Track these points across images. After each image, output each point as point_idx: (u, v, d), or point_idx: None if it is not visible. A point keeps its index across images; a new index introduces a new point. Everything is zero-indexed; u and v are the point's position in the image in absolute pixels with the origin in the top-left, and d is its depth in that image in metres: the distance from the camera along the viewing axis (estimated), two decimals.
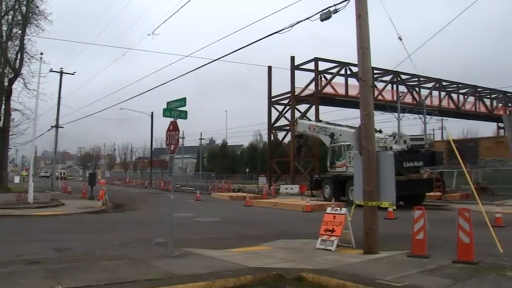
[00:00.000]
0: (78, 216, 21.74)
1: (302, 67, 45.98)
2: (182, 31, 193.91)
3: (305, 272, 8.80)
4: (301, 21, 15.31)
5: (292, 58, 45.83)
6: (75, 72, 46.22)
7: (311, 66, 45.16)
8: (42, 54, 32.43)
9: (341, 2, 12.70)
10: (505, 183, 35.84)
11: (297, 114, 44.53)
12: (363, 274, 8.78)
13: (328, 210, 12.62)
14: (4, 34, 36.65)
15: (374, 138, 11.62)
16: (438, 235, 13.12)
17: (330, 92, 45.59)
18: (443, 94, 53.72)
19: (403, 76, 48.83)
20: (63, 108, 47.24)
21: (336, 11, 13.37)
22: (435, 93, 53.31)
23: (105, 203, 26.09)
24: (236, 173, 73.03)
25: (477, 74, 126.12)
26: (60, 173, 74.29)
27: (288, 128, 47.41)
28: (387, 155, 11.83)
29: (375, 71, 46.40)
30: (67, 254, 11.02)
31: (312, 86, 45.18)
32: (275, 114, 49.42)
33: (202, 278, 8.16)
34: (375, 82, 46.60)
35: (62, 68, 44.94)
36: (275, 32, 16.26)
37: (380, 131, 29.43)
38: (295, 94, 45.48)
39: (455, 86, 54.91)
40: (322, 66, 45.56)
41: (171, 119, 11.23)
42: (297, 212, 24.57)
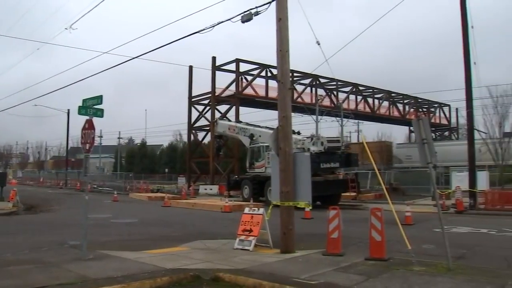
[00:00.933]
0: None
1: (223, 67, 45.94)
2: (103, 27, 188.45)
3: (222, 272, 8.80)
4: (222, 21, 15.27)
5: (213, 59, 45.70)
6: None
7: (232, 67, 45.22)
8: None
9: (262, 5, 12.80)
10: (415, 183, 37.67)
11: (217, 115, 44.41)
12: (279, 273, 8.89)
13: (246, 210, 12.69)
14: None
15: (292, 139, 11.80)
16: (352, 234, 13.55)
17: (250, 93, 45.84)
18: (359, 98, 55.44)
19: (322, 80, 49.96)
20: None
21: (257, 13, 13.45)
22: (352, 97, 54.91)
23: (16, 205, 24.86)
24: (155, 173, 71.98)
25: (391, 80, 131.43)
26: None
27: (208, 128, 47.22)
28: (303, 156, 12.03)
29: (295, 74, 47.20)
30: None
31: (232, 87, 45.22)
32: (195, 114, 49.11)
33: (117, 281, 7.95)
34: (295, 85, 47.41)
35: None
36: (196, 32, 16.12)
37: (298, 133, 29.99)
38: (216, 94, 45.39)
39: (371, 91, 56.83)
40: (243, 67, 45.72)
41: (87, 117, 10.88)
42: (216, 213, 24.56)
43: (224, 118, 41.37)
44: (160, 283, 8.13)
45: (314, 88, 51.09)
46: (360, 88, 54.80)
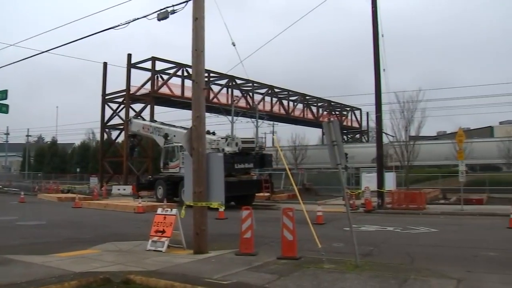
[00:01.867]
0: None
1: (138, 65, 45.04)
2: (15, 17, 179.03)
3: (133, 274, 8.60)
4: (138, 18, 15.00)
5: (129, 56, 44.68)
6: None
7: (148, 65, 44.44)
8: None
9: (179, 4, 12.69)
10: (327, 184, 38.77)
11: (132, 114, 43.48)
12: (192, 273, 8.84)
13: (159, 211, 12.52)
14: None
15: (205, 139, 11.76)
16: (265, 233, 13.72)
17: (166, 92, 45.30)
18: (275, 100, 56.32)
19: (238, 81, 50.23)
20: None
21: (174, 11, 13.31)
22: (268, 98, 55.72)
23: None
24: (66, 173, 69.23)
25: (306, 83, 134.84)
26: None
27: (122, 127, 46.10)
28: (217, 157, 12.04)
29: (211, 75, 47.17)
30: None
31: (148, 86, 44.49)
32: (109, 113, 47.81)
33: (21, 287, 7.59)
34: (211, 85, 47.41)
35: None
36: (111, 28, 15.73)
37: (213, 133, 29.98)
38: (131, 92, 44.41)
39: (286, 93, 57.89)
40: (160, 66, 45.10)
41: None
42: (129, 214, 24.09)
43: (139, 117, 40.60)
44: None
45: (230, 89, 51.27)
46: (276, 90, 55.67)
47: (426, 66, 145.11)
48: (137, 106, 45.46)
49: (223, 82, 50.23)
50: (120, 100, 46.54)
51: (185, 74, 45.51)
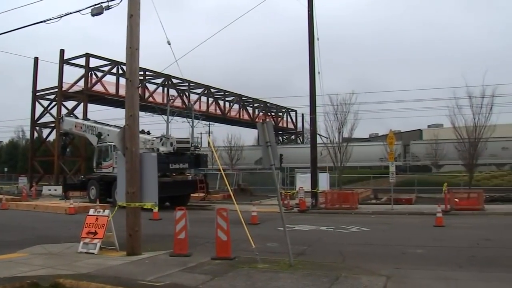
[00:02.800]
0: None
1: (72, 62, 43.67)
2: None
3: (63, 278, 8.33)
4: (70, 13, 14.68)
5: (62, 51, 43.17)
6: None
7: (82, 61, 43.20)
8: None
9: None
10: (262, 184, 39.10)
11: (64, 111, 42.10)
12: (125, 275, 8.70)
13: (91, 212, 12.19)
14: None
15: (139, 139, 11.58)
16: (200, 234, 13.68)
17: (100, 90, 44.21)
18: (211, 100, 56.17)
19: (175, 80, 49.69)
20: None
21: (108, 7, 13.12)
22: (204, 98, 55.55)
23: None
24: None
25: (242, 84, 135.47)
26: None
27: (53, 125, 44.52)
28: (150, 157, 11.88)
29: (147, 73, 46.52)
30: None
31: (81, 83, 43.23)
32: (40, 110, 46.08)
33: None
34: (147, 84, 46.71)
35: None
36: (42, 21, 15.27)
37: (148, 133, 29.58)
38: (63, 89, 42.97)
39: (223, 93, 57.89)
40: (94, 63, 43.99)
41: None
42: (60, 215, 23.37)
43: (71, 115, 39.36)
44: None
45: (166, 88, 50.67)
46: (212, 90, 55.56)
47: (359, 70, 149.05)
48: (69, 104, 44.11)
49: (159, 81, 49.63)
50: (52, 97, 44.99)
51: (120, 72, 44.52)
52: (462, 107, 29.34)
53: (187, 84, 51.48)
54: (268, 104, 66.00)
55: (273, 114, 68.59)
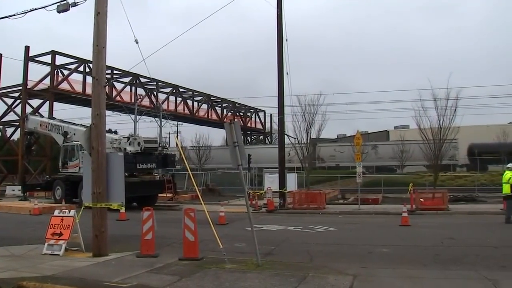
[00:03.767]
0: None
1: (37, 59, 42.75)
2: None
3: (26, 280, 8.15)
4: (36, 9, 14.43)
5: (27, 48, 42.18)
6: None
7: (48, 59, 42.33)
8: None
9: None
10: (230, 184, 39.11)
11: (29, 110, 41.23)
12: (90, 277, 8.60)
13: (56, 212, 12.00)
14: None
15: (105, 138, 11.45)
16: (167, 235, 13.59)
17: (66, 88, 43.42)
18: (179, 100, 55.79)
19: (143, 79, 49.18)
20: None
21: (75, 4, 12.92)
22: (172, 98, 55.12)
23: None
24: None
25: (210, 85, 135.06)
26: None
27: (18, 124, 43.57)
28: (117, 156, 11.75)
29: (115, 72, 45.95)
30: None
31: (47, 81, 42.36)
32: (3, 108, 44.93)
33: None
34: (114, 83, 46.13)
35: None
36: (5, 17, 14.98)
37: (115, 132, 29.27)
38: (28, 87, 42.00)
39: (191, 93, 57.55)
40: (60, 60, 43.09)
41: None
42: (24, 216, 22.91)
43: (36, 114, 38.60)
44: None
45: (134, 87, 50.12)
46: (181, 90, 55.20)
47: (326, 72, 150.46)
48: (34, 102, 43.15)
49: (127, 80, 49.03)
50: (16, 95, 43.96)
51: (87, 70, 43.75)
52: (427, 109, 29.77)
53: (155, 83, 51.03)
54: (237, 104, 65.99)
55: (241, 114, 68.57)
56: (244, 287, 7.83)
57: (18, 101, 43.43)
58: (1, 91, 44.50)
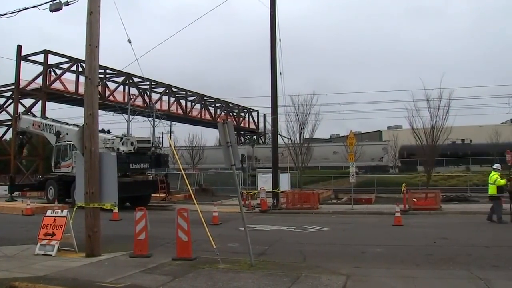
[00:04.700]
0: None
1: (30, 58, 42.50)
2: None
3: (18, 281, 8.12)
4: (28, 8, 14.39)
5: (19, 47, 41.90)
6: None
7: (41, 58, 42.10)
8: None
9: None
10: (223, 184, 39.07)
11: (21, 109, 41.00)
12: (83, 277, 8.57)
13: (48, 212, 11.96)
14: None
15: (98, 138, 11.42)
16: (160, 235, 13.58)
17: (59, 88, 43.21)
18: (172, 99, 55.64)
19: (136, 79, 49.01)
20: None
21: (67, 3, 12.87)
22: (165, 98, 54.96)
23: None
24: None
25: (204, 85, 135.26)
26: None
27: (10, 123, 43.35)
28: (110, 156, 11.72)
29: (108, 71, 45.77)
30: None
31: (40, 80, 42.14)
32: None
33: None
34: (107, 82, 45.96)
35: None
36: None
37: (108, 132, 29.16)
38: (20, 87, 41.76)
39: (184, 93, 57.41)
40: (53, 60, 42.86)
41: None
42: (16, 216, 22.82)
43: (29, 113, 38.41)
44: None
45: (127, 87, 49.94)
46: (174, 89, 55.05)
47: (318, 72, 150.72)
48: (27, 102, 42.93)
49: (120, 79, 48.85)
50: (8, 94, 43.74)
51: (80, 69, 43.56)
52: (420, 109, 29.85)
53: (148, 83, 50.86)
54: (230, 104, 65.91)
55: (235, 114, 68.50)
56: (237, 287, 7.83)
57: (10, 100, 43.16)
58: None
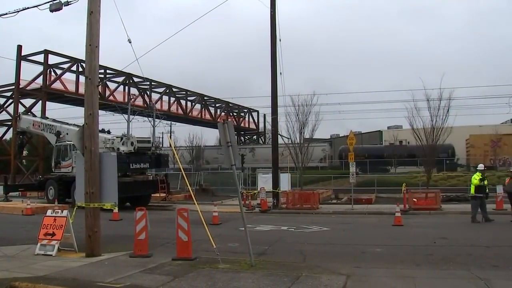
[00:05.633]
0: None
1: (30, 58, 42.49)
2: None
3: (18, 281, 8.12)
4: (28, 7, 14.38)
5: (19, 47, 41.89)
6: None
7: (41, 58, 42.06)
8: None
9: None
10: (223, 184, 39.09)
11: (21, 109, 40.99)
12: (83, 277, 8.56)
13: (49, 212, 11.95)
14: None
15: (98, 138, 11.42)
16: (161, 235, 13.58)
17: (59, 88, 43.20)
18: (172, 99, 55.64)
19: (136, 79, 49.00)
20: None
21: (68, 3, 12.86)
22: (165, 98, 54.96)
23: None
24: None
25: (204, 85, 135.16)
26: None
27: (10, 123, 43.35)
28: (110, 156, 11.72)
29: (108, 71, 45.77)
30: None
31: (40, 80, 42.12)
32: None
33: None
34: (107, 82, 45.94)
35: None
36: None
37: (108, 132, 29.16)
38: (20, 87, 41.74)
39: (184, 93, 57.42)
40: (53, 60, 42.85)
41: None
42: (16, 216, 22.80)
43: (29, 113, 38.40)
44: None
45: (127, 87, 49.93)
46: (174, 89, 55.05)
47: (320, 72, 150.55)
48: (27, 102, 42.95)
49: (120, 79, 48.84)
50: (8, 94, 43.74)
51: (80, 69, 43.54)
52: (420, 109, 29.89)
53: (148, 83, 50.86)
54: (230, 104, 65.89)
55: (235, 114, 68.51)
56: (237, 287, 7.83)
57: (11, 100, 43.19)
58: None
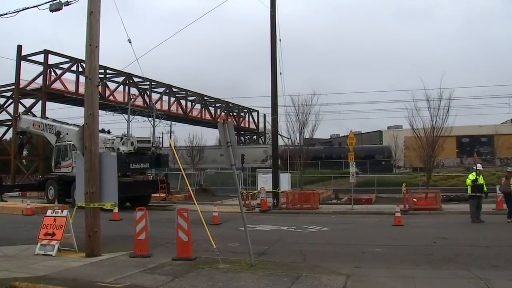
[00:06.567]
0: None
1: (30, 58, 42.45)
2: None
3: (19, 281, 8.12)
4: (28, 7, 14.39)
5: (19, 47, 41.84)
6: None
7: (41, 58, 42.03)
8: None
9: None
10: (223, 184, 39.07)
11: (21, 109, 40.97)
12: (83, 277, 8.56)
13: (49, 212, 11.95)
14: None
15: (98, 138, 11.41)
16: (161, 235, 13.58)
17: (59, 88, 43.16)
18: (172, 99, 55.59)
19: (136, 79, 48.95)
20: None
21: (68, 3, 12.86)
22: (165, 98, 54.91)
23: None
24: None
25: (204, 85, 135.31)
26: None
27: (10, 123, 43.34)
28: (110, 156, 11.72)
29: (108, 71, 45.74)
30: None
31: (40, 80, 42.09)
32: None
33: None
34: (107, 82, 45.92)
35: None
36: None
37: (108, 132, 29.15)
38: (20, 87, 41.71)
39: (184, 93, 57.36)
40: (53, 60, 42.80)
41: None
42: (16, 216, 22.78)
43: (29, 113, 38.38)
44: None
45: (127, 87, 49.89)
46: (174, 89, 55.01)
47: (320, 72, 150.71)
48: (27, 102, 42.92)
49: (120, 79, 48.80)
50: (8, 94, 43.71)
51: (80, 69, 43.49)
52: (420, 109, 29.87)
53: (148, 83, 50.82)
54: (230, 104, 65.84)
55: (235, 114, 68.46)
56: (237, 287, 7.83)
57: (10, 100, 43.16)
58: None
